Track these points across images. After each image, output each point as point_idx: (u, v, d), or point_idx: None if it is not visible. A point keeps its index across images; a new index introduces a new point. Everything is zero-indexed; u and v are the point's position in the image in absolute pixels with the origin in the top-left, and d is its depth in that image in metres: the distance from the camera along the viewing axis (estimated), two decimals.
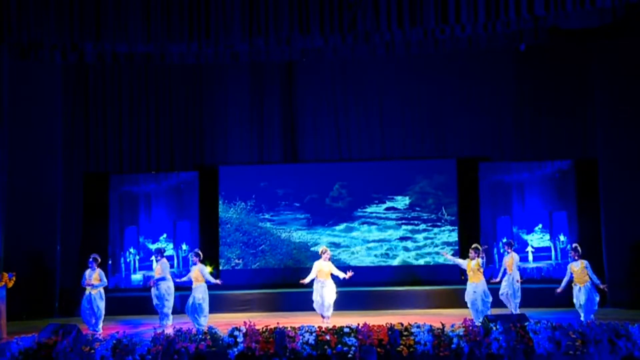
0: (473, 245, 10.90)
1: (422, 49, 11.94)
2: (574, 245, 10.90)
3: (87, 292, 10.93)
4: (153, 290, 11.39)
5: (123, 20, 10.06)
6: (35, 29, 10.05)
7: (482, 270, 10.61)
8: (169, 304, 11.33)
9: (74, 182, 14.02)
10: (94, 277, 10.89)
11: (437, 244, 14.00)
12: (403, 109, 14.40)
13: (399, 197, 14.21)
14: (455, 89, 14.21)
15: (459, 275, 12.97)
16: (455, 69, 14.07)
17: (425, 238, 14.07)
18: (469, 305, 10.61)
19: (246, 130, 14.52)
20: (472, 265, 10.62)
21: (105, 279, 11.07)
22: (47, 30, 10.05)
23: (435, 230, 14.08)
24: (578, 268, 10.41)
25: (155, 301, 11.35)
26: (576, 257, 10.48)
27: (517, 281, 11.25)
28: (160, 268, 11.43)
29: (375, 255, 14.13)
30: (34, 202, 12.99)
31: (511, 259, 11.31)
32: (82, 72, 14.12)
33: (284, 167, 14.48)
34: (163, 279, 11.37)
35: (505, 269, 11.31)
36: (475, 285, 10.54)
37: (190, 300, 10.75)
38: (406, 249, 14.10)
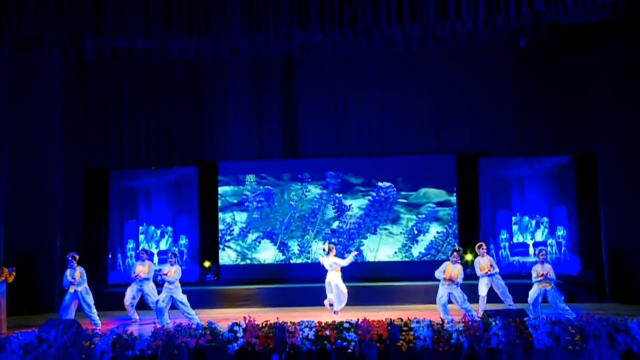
0: (457, 248, 10.90)
1: (422, 45, 11.93)
2: (542, 248, 10.95)
3: (71, 290, 10.81)
4: (134, 290, 11.35)
5: (122, 16, 10.05)
6: (35, 25, 10.03)
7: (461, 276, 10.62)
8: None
9: (73, 178, 14.04)
10: (77, 275, 10.81)
11: (437, 239, 14.02)
12: (403, 105, 14.41)
13: (399, 192, 14.21)
14: (455, 85, 14.22)
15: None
16: (455, 65, 14.07)
17: (425, 233, 14.08)
18: (441, 306, 10.54)
19: (246, 125, 14.54)
20: (452, 269, 10.56)
21: (85, 277, 10.89)
22: (47, 26, 10.04)
23: (435, 224, 14.10)
24: (546, 271, 10.48)
25: (129, 300, 11.35)
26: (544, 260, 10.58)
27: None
28: (147, 269, 11.41)
29: (375, 250, 14.14)
30: (34, 198, 13.00)
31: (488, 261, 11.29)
32: (82, 68, 14.12)
33: (284, 162, 14.49)
34: (148, 279, 11.39)
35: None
36: (453, 287, 10.55)
37: (166, 298, 10.61)
38: (406, 244, 14.11)
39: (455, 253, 10.75)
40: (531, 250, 13.72)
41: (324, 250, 11.46)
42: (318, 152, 14.53)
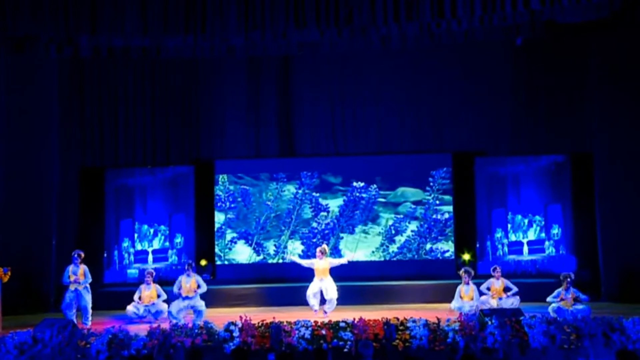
0: (465, 269, 10.86)
1: (418, 43, 11.92)
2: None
3: (72, 287, 10.75)
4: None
5: (119, 13, 10.02)
6: (31, 23, 10.00)
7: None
8: None
9: (69, 176, 13.98)
10: (80, 273, 10.76)
11: (433, 238, 14.03)
12: (400, 103, 14.38)
13: (396, 191, 14.22)
14: (452, 83, 14.20)
15: (455, 270, 13.04)
16: (452, 63, 14.05)
17: (422, 232, 14.08)
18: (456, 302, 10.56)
19: (242, 124, 14.50)
20: (465, 292, 10.57)
21: (89, 275, 10.86)
22: (42, 23, 10.01)
23: (432, 224, 14.09)
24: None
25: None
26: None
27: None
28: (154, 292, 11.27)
29: (372, 250, 14.14)
30: (30, 196, 12.94)
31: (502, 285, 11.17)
32: (78, 66, 14.06)
33: (281, 161, 14.47)
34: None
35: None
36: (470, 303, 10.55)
37: (186, 307, 10.66)
38: (402, 243, 14.11)
39: (465, 275, 10.71)
40: (525, 249, 13.75)
41: (322, 252, 11.35)
42: (315, 150, 14.49)
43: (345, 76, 14.47)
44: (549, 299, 10.47)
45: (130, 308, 11.11)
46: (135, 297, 11.22)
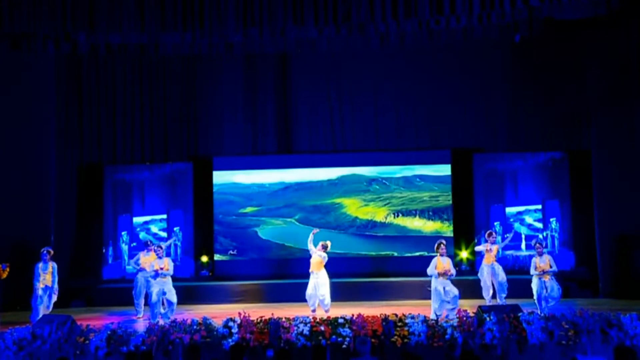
0: (442, 241, 10.77)
1: (416, 41, 11.92)
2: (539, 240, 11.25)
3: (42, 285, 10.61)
4: (141, 280, 11.26)
5: (117, 10, 10.01)
6: (28, 19, 9.98)
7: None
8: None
9: (67, 173, 13.98)
10: (49, 270, 10.64)
11: (431, 234, 14.04)
12: (397, 101, 14.40)
13: (394, 188, 14.23)
14: (450, 80, 14.21)
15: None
16: (450, 61, 14.07)
17: (420, 228, 14.09)
18: (437, 300, 10.41)
19: (240, 121, 14.51)
20: (443, 262, 10.39)
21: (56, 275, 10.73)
22: (40, 20, 9.99)
23: (430, 220, 14.10)
24: (544, 263, 10.50)
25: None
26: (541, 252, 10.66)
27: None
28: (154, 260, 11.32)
29: (371, 246, 14.15)
30: (28, 193, 12.94)
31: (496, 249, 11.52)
32: (76, 63, 14.05)
33: (278, 158, 14.47)
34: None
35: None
36: (444, 281, 10.47)
37: (158, 292, 10.47)
38: (401, 240, 14.12)
39: (442, 246, 10.69)
40: (523, 244, 13.77)
41: (324, 247, 11.28)
42: (313, 148, 14.50)
43: (342, 74, 14.47)
44: (532, 273, 10.64)
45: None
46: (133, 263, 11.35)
